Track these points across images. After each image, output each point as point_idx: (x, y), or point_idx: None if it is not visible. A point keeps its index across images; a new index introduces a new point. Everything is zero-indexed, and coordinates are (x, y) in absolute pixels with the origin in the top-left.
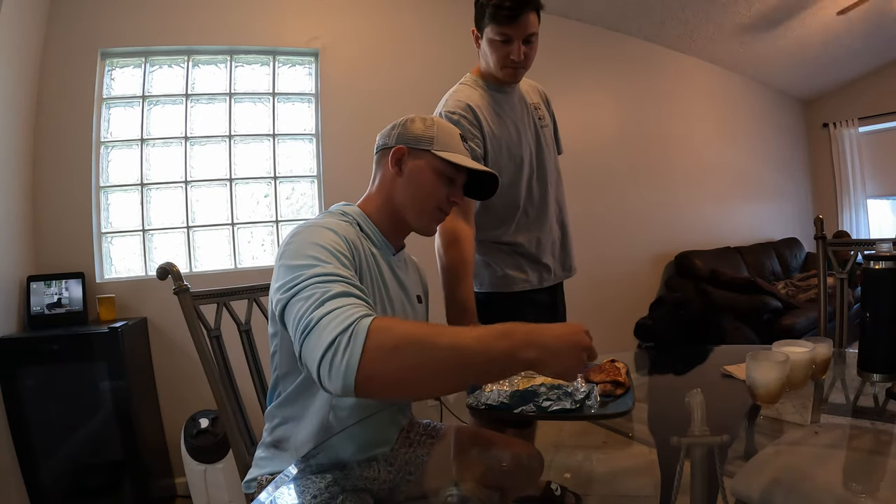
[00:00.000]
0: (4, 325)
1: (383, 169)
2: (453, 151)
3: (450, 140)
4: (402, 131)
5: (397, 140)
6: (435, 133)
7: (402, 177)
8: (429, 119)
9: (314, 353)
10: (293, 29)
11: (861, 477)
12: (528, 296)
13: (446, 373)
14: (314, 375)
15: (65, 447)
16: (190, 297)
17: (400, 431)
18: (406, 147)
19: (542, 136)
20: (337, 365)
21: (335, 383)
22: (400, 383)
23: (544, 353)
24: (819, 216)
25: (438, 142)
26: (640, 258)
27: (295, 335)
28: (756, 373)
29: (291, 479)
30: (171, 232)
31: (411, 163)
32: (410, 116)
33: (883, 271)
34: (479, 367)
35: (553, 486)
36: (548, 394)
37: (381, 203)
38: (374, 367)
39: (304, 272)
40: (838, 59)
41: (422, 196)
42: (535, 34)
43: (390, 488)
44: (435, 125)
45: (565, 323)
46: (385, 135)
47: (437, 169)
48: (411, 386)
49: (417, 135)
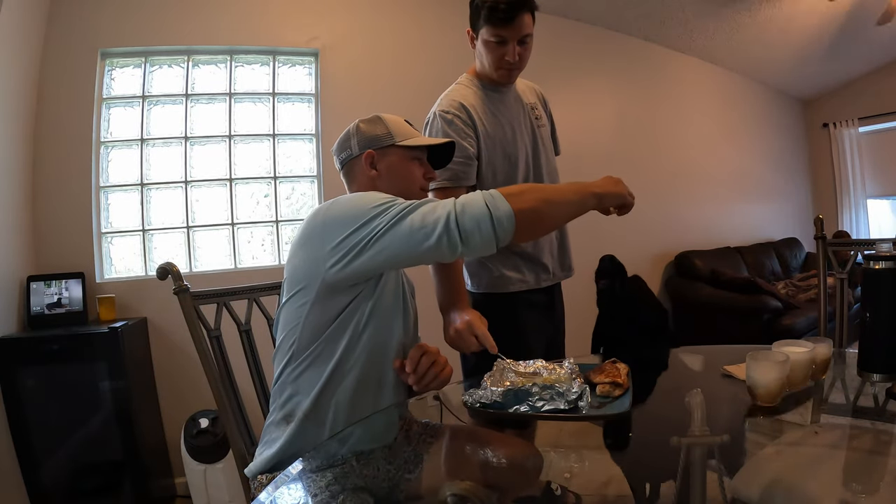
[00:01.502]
0: (4, 325)
1: (359, 176)
2: (409, 135)
3: (402, 128)
4: (360, 139)
5: (360, 147)
6: (389, 128)
7: (380, 176)
8: (373, 118)
9: (473, 213)
10: (293, 29)
11: (861, 477)
12: (524, 296)
13: (563, 210)
14: (483, 234)
15: (65, 447)
16: (190, 297)
17: (399, 430)
18: (373, 150)
19: (539, 135)
20: (498, 211)
21: (502, 224)
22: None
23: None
24: (819, 216)
25: (396, 134)
26: (640, 258)
27: (437, 222)
28: (756, 373)
29: (291, 478)
30: (171, 232)
31: (384, 160)
32: (354, 125)
33: (883, 271)
34: (575, 201)
35: (553, 486)
36: (541, 394)
37: None
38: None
39: (392, 206)
40: (838, 58)
41: (405, 183)
42: (530, 35)
43: (390, 487)
44: (383, 121)
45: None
46: (341, 150)
47: (407, 156)
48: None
49: (376, 135)
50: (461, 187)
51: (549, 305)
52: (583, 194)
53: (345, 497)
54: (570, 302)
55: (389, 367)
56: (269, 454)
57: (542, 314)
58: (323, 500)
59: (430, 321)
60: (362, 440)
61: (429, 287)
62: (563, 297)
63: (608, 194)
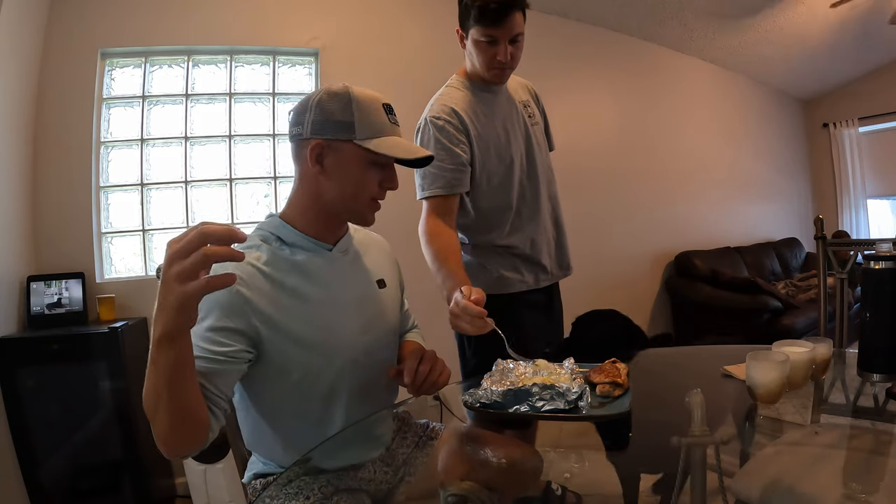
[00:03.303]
0: (4, 325)
1: (303, 164)
2: (379, 133)
3: (373, 119)
4: (318, 116)
5: (313, 130)
6: (354, 115)
7: (325, 174)
8: (344, 93)
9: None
10: (293, 29)
11: (861, 477)
12: (524, 297)
13: (157, 412)
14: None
15: (64, 447)
16: None
17: (394, 432)
18: (324, 140)
19: (533, 134)
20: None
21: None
22: (165, 444)
23: (158, 317)
24: (819, 216)
25: (360, 127)
26: (639, 258)
27: None
28: (756, 373)
29: (285, 481)
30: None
31: (333, 156)
32: (322, 92)
33: (883, 271)
34: (154, 387)
35: (553, 486)
36: (541, 394)
37: (308, 204)
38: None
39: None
40: (838, 58)
41: (351, 191)
42: (522, 34)
43: (388, 489)
44: (352, 103)
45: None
46: (297, 119)
47: (363, 159)
48: (170, 441)
49: (335, 121)
50: (455, 195)
51: (548, 305)
52: (152, 360)
53: (339, 498)
54: (570, 302)
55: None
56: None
57: (542, 314)
58: (317, 502)
59: (431, 321)
60: (352, 445)
61: (427, 287)
62: (561, 296)
63: (169, 326)
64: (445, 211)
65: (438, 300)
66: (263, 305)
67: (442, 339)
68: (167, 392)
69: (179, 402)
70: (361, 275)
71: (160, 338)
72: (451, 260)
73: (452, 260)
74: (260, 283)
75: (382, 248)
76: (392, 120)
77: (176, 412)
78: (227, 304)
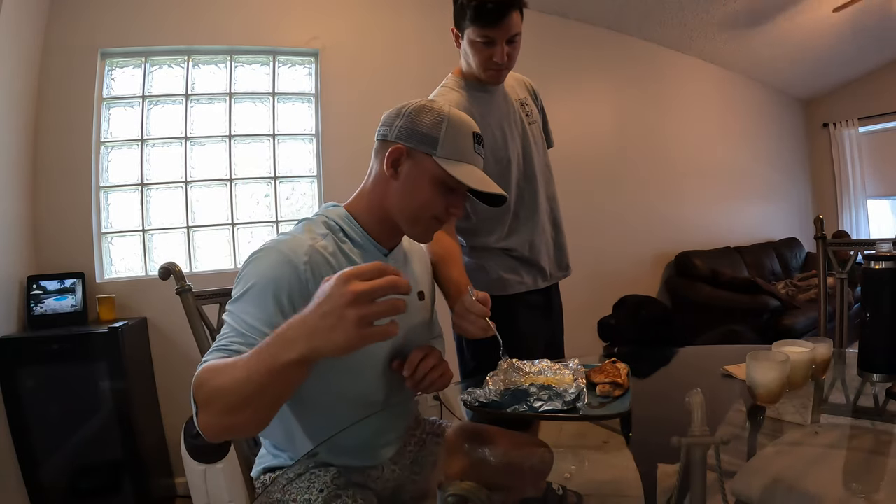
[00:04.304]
0: (4, 325)
1: (379, 166)
2: (460, 158)
3: (458, 143)
4: (407, 124)
5: (398, 135)
6: (442, 134)
7: (397, 180)
8: (439, 110)
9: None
10: (293, 29)
11: (861, 477)
12: (523, 297)
13: (246, 404)
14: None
15: (65, 447)
16: (192, 297)
17: (405, 431)
18: (405, 147)
19: (530, 132)
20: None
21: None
22: (226, 431)
23: (309, 340)
24: (819, 216)
25: (444, 146)
26: (640, 258)
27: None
28: (756, 373)
29: (297, 474)
30: (171, 232)
31: (409, 165)
32: (420, 103)
33: (883, 271)
34: (259, 388)
35: (554, 486)
36: (538, 394)
37: (373, 204)
38: (203, 422)
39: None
40: (838, 58)
41: (416, 205)
42: (519, 34)
43: (394, 487)
44: (444, 122)
45: (327, 284)
46: (389, 121)
47: (436, 177)
48: (236, 430)
49: (422, 132)
50: None
51: (548, 306)
52: (272, 370)
53: (352, 492)
54: (570, 302)
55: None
56: (270, 454)
57: (541, 315)
58: (330, 494)
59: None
60: (363, 442)
61: None
62: (561, 296)
63: (312, 352)
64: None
65: (439, 302)
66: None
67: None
68: (270, 398)
69: (276, 407)
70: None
71: (301, 359)
72: (452, 265)
73: (454, 265)
74: (324, 272)
75: (423, 258)
76: (478, 150)
77: (266, 413)
78: (297, 289)
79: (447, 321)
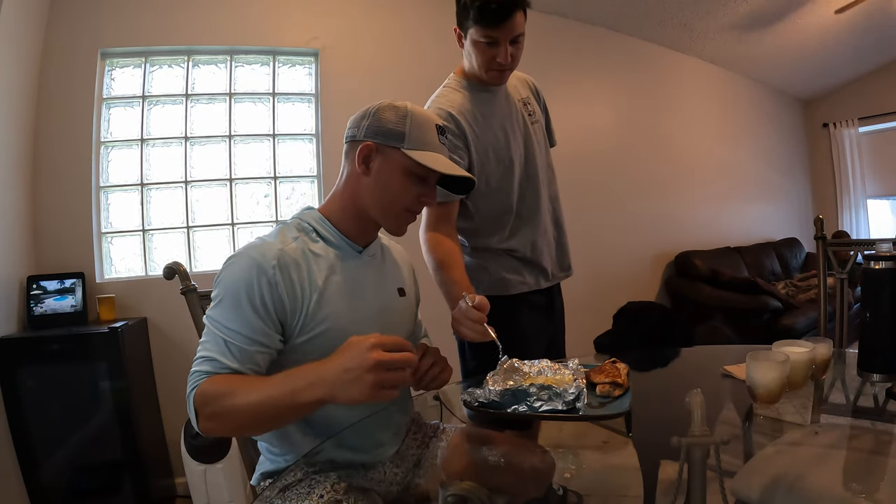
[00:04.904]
0: (4, 325)
1: (350, 165)
2: (427, 147)
3: (424, 135)
4: (373, 122)
5: (366, 134)
6: (407, 127)
7: (368, 176)
8: (402, 107)
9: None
10: (293, 29)
11: (861, 477)
12: (525, 298)
13: (256, 424)
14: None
15: (65, 447)
16: (197, 297)
17: (405, 433)
18: (374, 143)
19: (533, 132)
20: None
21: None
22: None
23: (330, 388)
24: (819, 216)
25: (410, 138)
26: (640, 258)
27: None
28: (756, 373)
29: (296, 480)
30: (171, 232)
31: (379, 161)
32: (383, 103)
33: (883, 271)
34: (274, 415)
35: (555, 486)
36: (538, 394)
37: (346, 204)
38: (204, 428)
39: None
40: (838, 58)
41: (389, 198)
42: (523, 34)
43: (398, 490)
44: (408, 116)
45: (353, 343)
46: (355, 123)
47: (406, 169)
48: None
49: (388, 129)
50: (454, 201)
51: (549, 306)
52: (291, 406)
53: (353, 497)
54: (570, 302)
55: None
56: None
57: (543, 315)
58: (331, 499)
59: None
60: (361, 443)
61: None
62: (563, 296)
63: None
64: (445, 217)
65: (439, 303)
66: (290, 294)
67: (442, 341)
68: (281, 423)
69: (282, 426)
70: (385, 281)
71: (318, 402)
72: (453, 268)
73: (455, 268)
74: (293, 273)
75: (403, 257)
76: (442, 141)
77: (272, 429)
78: (267, 292)
79: (447, 321)
